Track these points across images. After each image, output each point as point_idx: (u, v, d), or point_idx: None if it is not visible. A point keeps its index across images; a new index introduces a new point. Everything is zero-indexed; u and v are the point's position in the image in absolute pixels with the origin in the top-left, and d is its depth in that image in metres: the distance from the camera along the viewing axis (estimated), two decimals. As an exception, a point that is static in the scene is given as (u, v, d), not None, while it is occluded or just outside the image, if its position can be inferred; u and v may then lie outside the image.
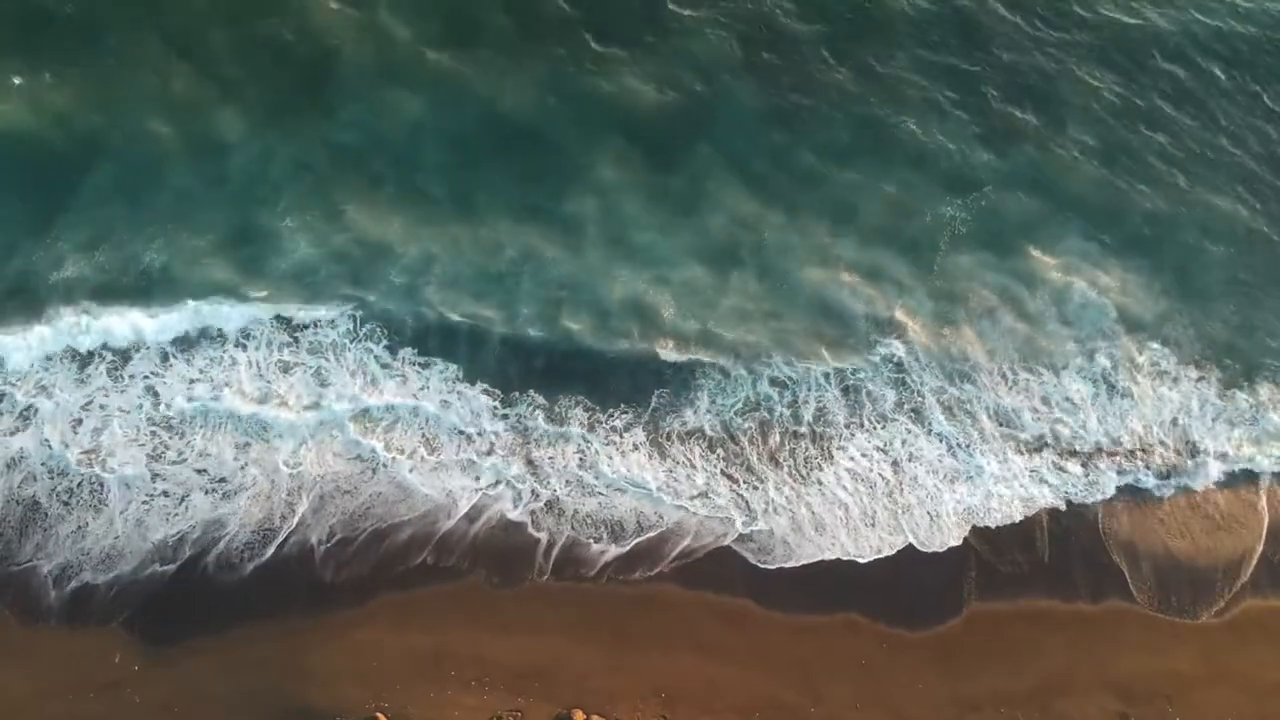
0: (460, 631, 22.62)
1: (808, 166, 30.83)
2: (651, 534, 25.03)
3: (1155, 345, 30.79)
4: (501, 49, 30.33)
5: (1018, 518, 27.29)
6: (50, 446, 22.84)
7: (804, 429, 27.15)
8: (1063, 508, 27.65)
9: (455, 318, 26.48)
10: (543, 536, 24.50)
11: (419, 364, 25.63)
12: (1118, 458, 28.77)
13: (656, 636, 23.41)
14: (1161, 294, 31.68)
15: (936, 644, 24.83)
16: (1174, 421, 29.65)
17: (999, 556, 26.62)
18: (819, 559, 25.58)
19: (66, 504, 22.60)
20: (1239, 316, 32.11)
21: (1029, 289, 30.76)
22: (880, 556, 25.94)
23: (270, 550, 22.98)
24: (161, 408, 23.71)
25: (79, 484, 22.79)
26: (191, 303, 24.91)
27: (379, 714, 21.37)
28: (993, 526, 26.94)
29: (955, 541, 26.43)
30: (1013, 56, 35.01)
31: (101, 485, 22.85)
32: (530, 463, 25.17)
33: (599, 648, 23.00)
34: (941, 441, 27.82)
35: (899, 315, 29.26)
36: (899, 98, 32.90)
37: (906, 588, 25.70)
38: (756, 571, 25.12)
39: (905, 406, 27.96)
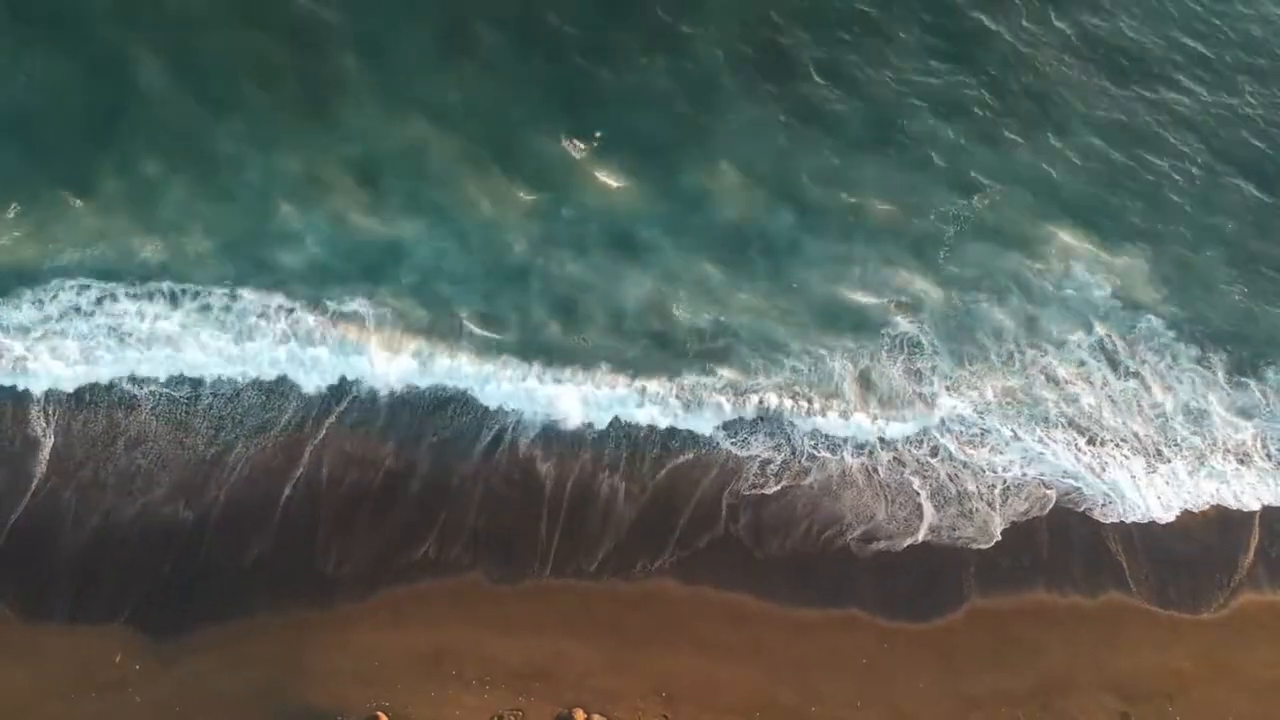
0: (461, 630, 22.63)
1: (816, 168, 30.72)
2: (669, 463, 25.57)
3: (1164, 334, 30.76)
4: (501, 57, 30.15)
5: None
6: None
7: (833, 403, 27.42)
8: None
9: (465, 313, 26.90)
10: (549, 470, 24.89)
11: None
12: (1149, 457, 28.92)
13: (657, 635, 23.43)
14: (1164, 283, 31.63)
15: (937, 642, 24.86)
16: (1186, 409, 29.73)
17: (998, 550, 26.55)
18: (846, 532, 25.85)
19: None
20: (1244, 306, 32.09)
21: (1036, 281, 30.73)
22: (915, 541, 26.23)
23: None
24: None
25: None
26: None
27: (380, 713, 21.40)
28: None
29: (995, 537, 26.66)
30: (1014, 59, 34.74)
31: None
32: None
33: (599, 646, 23.03)
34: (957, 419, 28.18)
35: (911, 304, 29.41)
36: (904, 101, 32.67)
37: (907, 582, 25.73)
38: (756, 565, 25.08)
39: (920, 388, 28.27)
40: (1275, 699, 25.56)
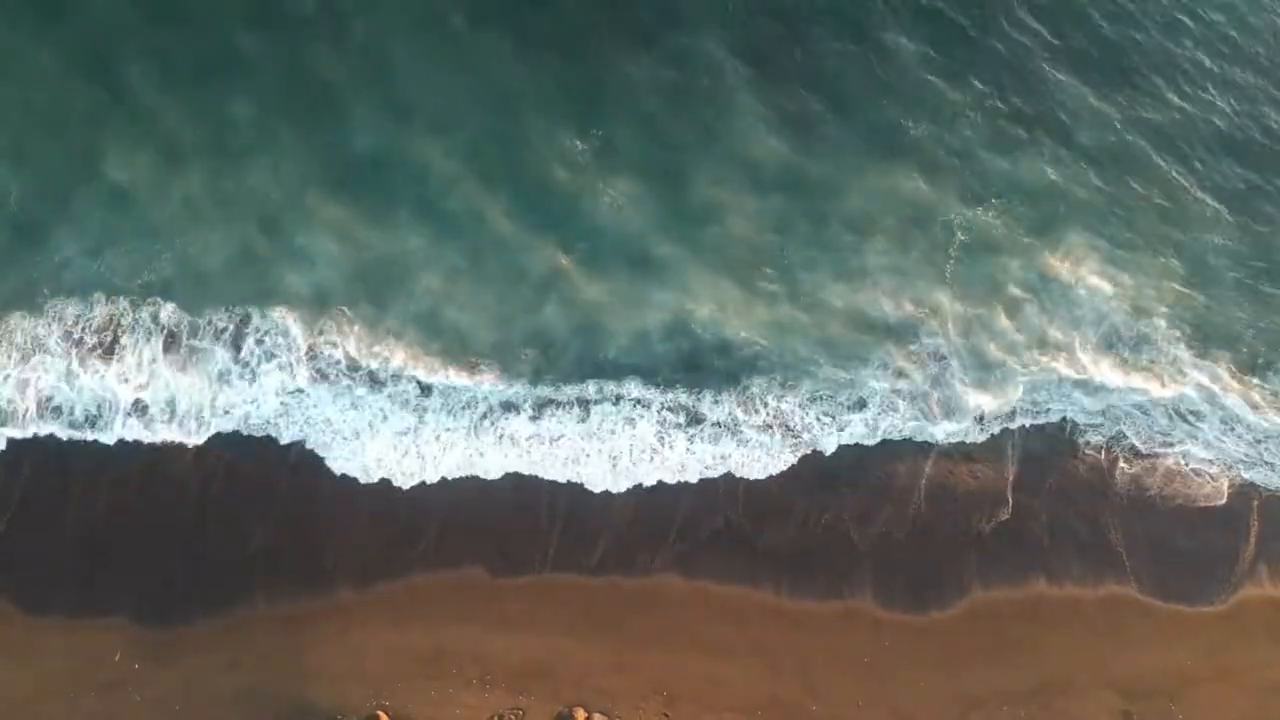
0: (461, 629, 22.52)
1: (821, 177, 30.07)
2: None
3: (1169, 334, 30.70)
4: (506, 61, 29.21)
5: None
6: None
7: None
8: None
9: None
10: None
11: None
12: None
13: (657, 633, 23.36)
14: (1168, 285, 31.44)
15: (937, 639, 24.87)
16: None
17: (999, 542, 26.57)
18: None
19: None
20: (1250, 309, 32.01)
21: (1045, 284, 30.48)
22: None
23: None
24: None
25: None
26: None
27: (380, 712, 21.38)
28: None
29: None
30: (1020, 62, 34.11)
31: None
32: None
33: (600, 645, 22.94)
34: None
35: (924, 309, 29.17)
36: (909, 107, 32.04)
37: (908, 574, 25.74)
38: (757, 557, 25.02)
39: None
40: (1278, 699, 25.64)
